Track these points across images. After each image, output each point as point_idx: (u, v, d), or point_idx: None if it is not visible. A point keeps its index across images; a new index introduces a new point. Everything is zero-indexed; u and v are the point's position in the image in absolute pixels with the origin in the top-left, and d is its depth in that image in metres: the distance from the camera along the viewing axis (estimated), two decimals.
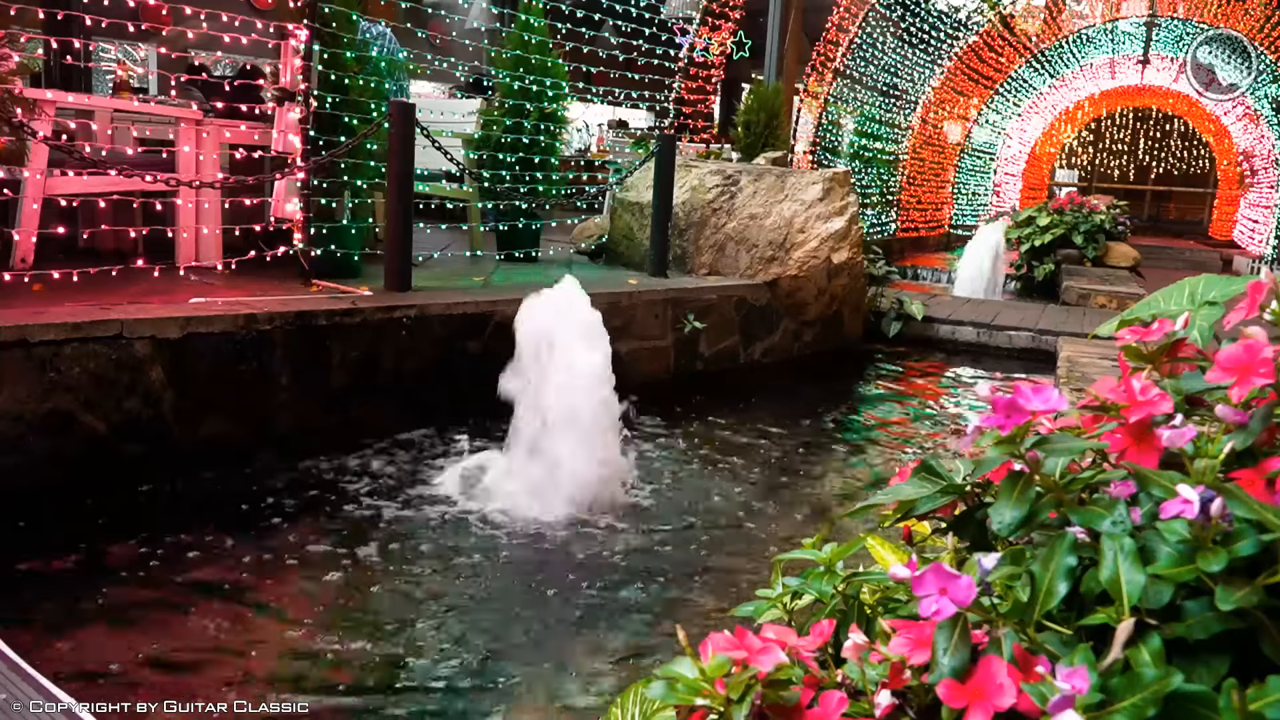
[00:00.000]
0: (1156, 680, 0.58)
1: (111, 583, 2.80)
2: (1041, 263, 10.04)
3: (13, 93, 3.83)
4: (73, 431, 3.32)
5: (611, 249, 6.81)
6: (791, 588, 0.92)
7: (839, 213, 6.39)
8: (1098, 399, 0.79)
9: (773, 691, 0.70)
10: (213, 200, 4.72)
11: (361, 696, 2.35)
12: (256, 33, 4.83)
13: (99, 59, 10.30)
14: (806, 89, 9.82)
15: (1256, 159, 15.76)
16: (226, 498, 3.47)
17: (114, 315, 3.45)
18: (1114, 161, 22.02)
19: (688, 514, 3.70)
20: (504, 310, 4.59)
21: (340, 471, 3.82)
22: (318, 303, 4.10)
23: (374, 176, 4.95)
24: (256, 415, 3.83)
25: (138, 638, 2.53)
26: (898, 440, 5.11)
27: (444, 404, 4.43)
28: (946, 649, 0.64)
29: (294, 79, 4.78)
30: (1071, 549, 0.68)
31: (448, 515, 3.49)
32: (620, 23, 8.01)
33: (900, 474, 0.89)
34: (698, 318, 5.63)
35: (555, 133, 6.26)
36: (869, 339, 7.23)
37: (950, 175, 14.97)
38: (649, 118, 12.73)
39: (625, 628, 2.81)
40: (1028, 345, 7.18)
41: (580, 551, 3.28)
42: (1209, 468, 0.68)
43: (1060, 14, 13.53)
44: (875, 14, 10.36)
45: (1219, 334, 0.97)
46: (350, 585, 2.93)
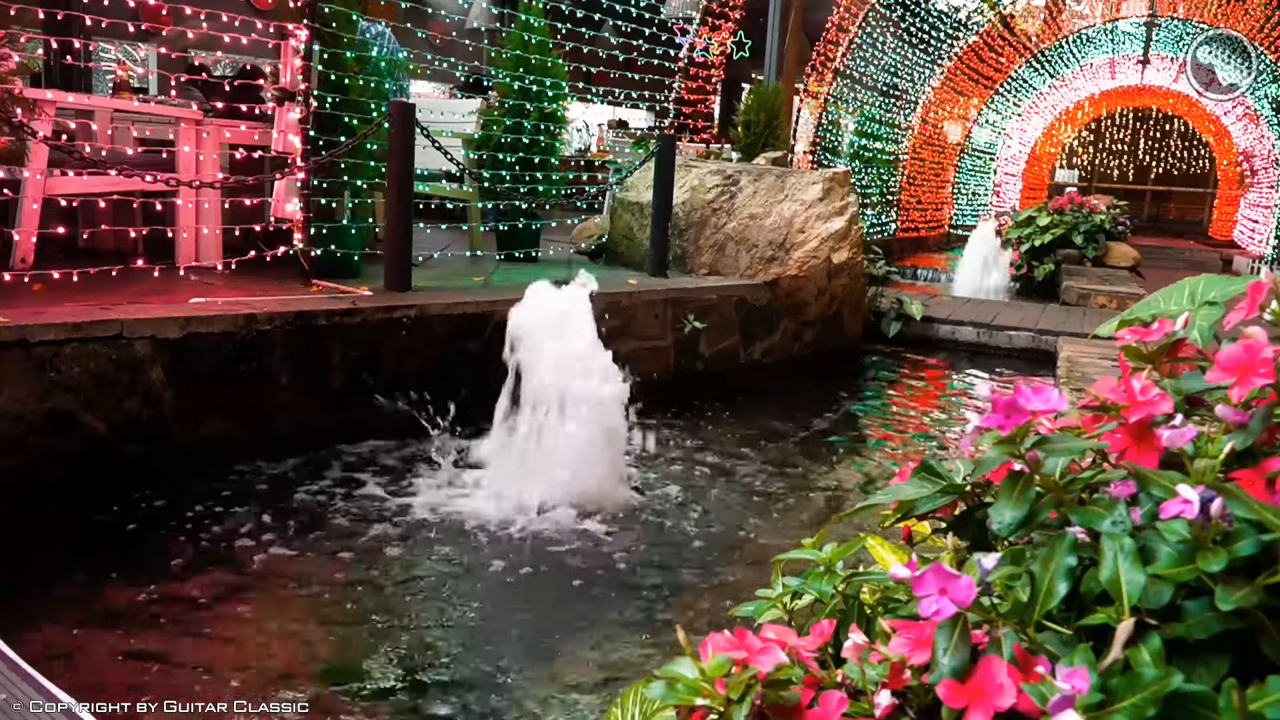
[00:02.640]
0: (1156, 680, 0.58)
1: (112, 582, 2.80)
2: (1041, 263, 10.03)
3: (13, 93, 3.83)
4: (73, 431, 3.31)
5: (611, 249, 6.81)
6: (791, 588, 0.92)
7: (839, 213, 6.39)
8: (1098, 399, 0.79)
9: (773, 691, 0.70)
10: (213, 200, 4.72)
11: (361, 696, 2.35)
12: (256, 33, 4.83)
13: (99, 59, 10.29)
14: (806, 89, 9.82)
15: (1256, 159, 15.76)
16: (226, 497, 3.46)
17: (114, 315, 3.45)
18: (1114, 161, 22.02)
19: (687, 514, 3.70)
20: (504, 310, 4.57)
21: (339, 472, 3.82)
22: (318, 303, 4.10)
23: (374, 176, 4.95)
24: (256, 415, 3.83)
25: (138, 638, 2.53)
26: (898, 440, 5.11)
27: (444, 404, 4.42)
28: (946, 649, 0.64)
29: (294, 79, 4.78)
30: (1071, 549, 0.68)
31: (448, 515, 3.48)
32: (620, 23, 8.01)
33: (900, 474, 0.89)
34: (698, 318, 5.63)
35: (555, 133, 6.26)
36: (869, 339, 7.22)
37: (950, 175, 14.97)
38: (649, 118, 12.73)
39: (624, 628, 2.81)
40: (1028, 345, 7.18)
41: (581, 551, 3.27)
42: (1209, 468, 0.68)
43: (1060, 14, 13.54)
44: (875, 14, 10.36)
45: (1219, 334, 0.97)
46: (350, 585, 2.93)
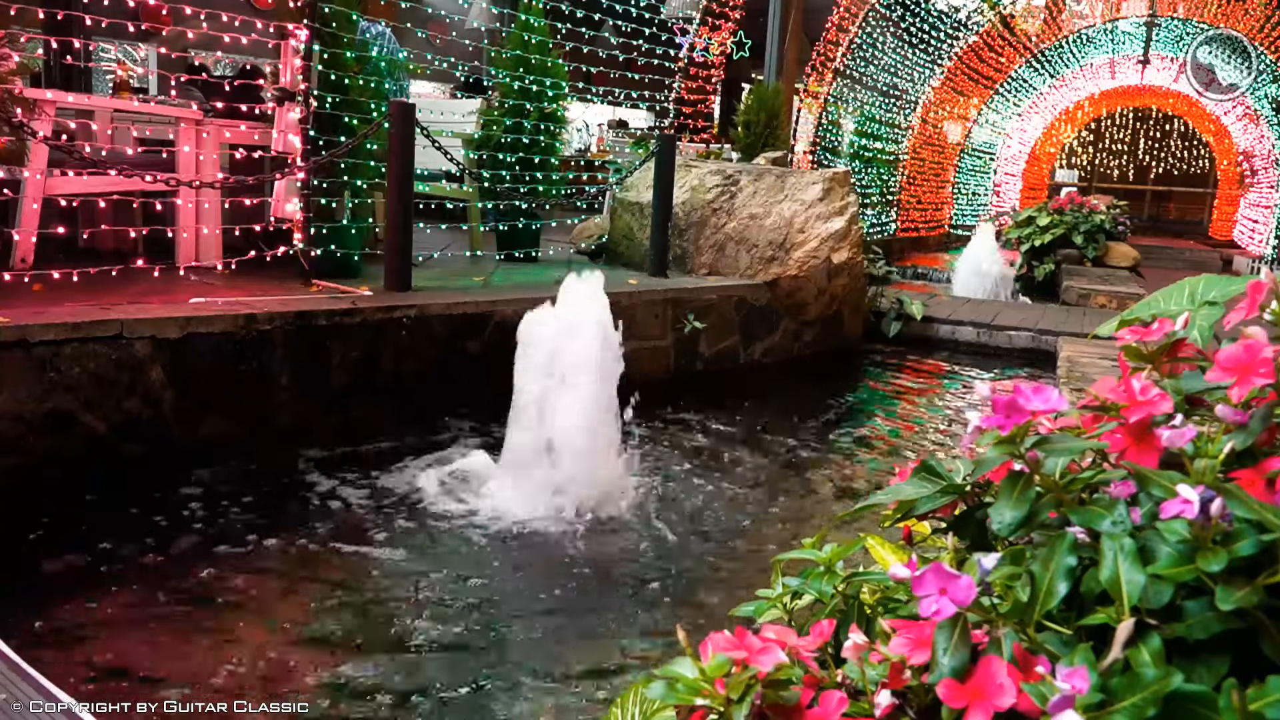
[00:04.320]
0: (1156, 680, 0.58)
1: (112, 582, 2.80)
2: (1041, 263, 10.04)
3: (13, 93, 3.83)
4: (73, 431, 3.31)
5: (611, 249, 6.81)
6: (791, 588, 0.92)
7: (839, 213, 6.39)
8: (1098, 399, 0.79)
9: (773, 691, 0.70)
10: (213, 200, 4.72)
11: (361, 695, 2.35)
12: (256, 33, 4.83)
13: (99, 59, 10.30)
14: (806, 89, 9.82)
15: (1256, 159, 15.77)
16: (226, 497, 3.46)
17: (114, 315, 3.45)
18: (1114, 161, 22.03)
19: (687, 514, 3.70)
20: (504, 310, 4.59)
21: (340, 472, 3.82)
22: (318, 303, 4.10)
23: (374, 176, 4.95)
24: (256, 415, 3.83)
25: (139, 638, 2.53)
26: (898, 440, 5.11)
27: (444, 404, 4.43)
28: (946, 649, 0.64)
29: (294, 79, 4.78)
30: (1071, 549, 0.68)
31: (448, 515, 3.48)
32: (620, 23, 8.01)
33: (900, 474, 0.89)
34: (698, 318, 5.63)
35: (555, 133, 6.26)
36: (869, 339, 7.22)
37: (950, 175, 14.97)
38: (649, 118, 12.73)
39: (624, 626, 2.81)
40: (1028, 345, 7.18)
41: (580, 551, 3.27)
42: (1209, 468, 0.68)
43: (1060, 14, 13.54)
44: (875, 14, 10.36)
45: (1219, 334, 0.97)
46: (349, 585, 2.93)
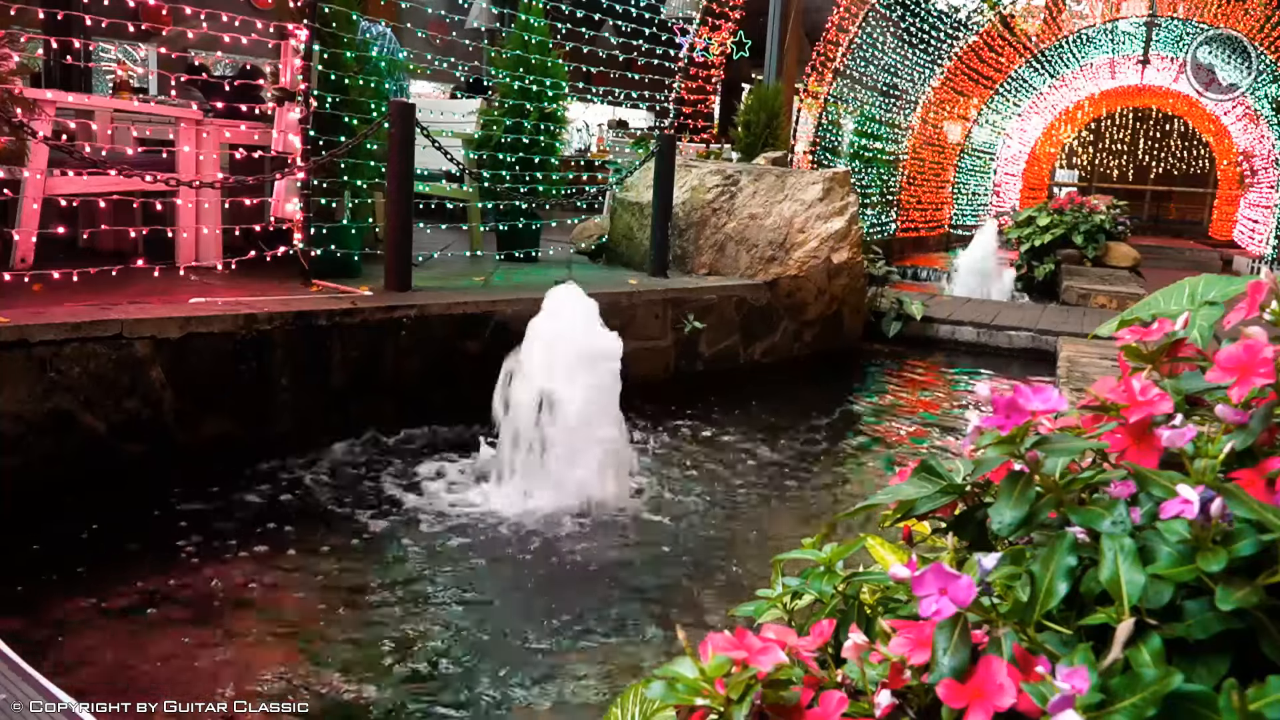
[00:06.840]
0: (1156, 680, 0.58)
1: (111, 582, 2.80)
2: (1041, 263, 10.03)
3: (13, 93, 3.83)
4: (73, 431, 3.31)
5: (611, 249, 6.81)
6: (791, 588, 0.92)
7: (839, 213, 6.39)
8: (1098, 399, 0.79)
9: (773, 691, 0.70)
10: (213, 200, 4.72)
11: (361, 695, 2.35)
12: (256, 33, 4.83)
13: (99, 59, 10.29)
14: (806, 89, 9.82)
15: (1256, 159, 15.77)
16: (226, 496, 3.46)
17: (114, 315, 3.45)
18: (1114, 161, 22.03)
19: (687, 513, 3.70)
20: (504, 310, 4.59)
21: (340, 471, 3.82)
22: (318, 303, 4.10)
23: (374, 176, 4.95)
24: (256, 415, 3.83)
25: (138, 637, 2.53)
26: (898, 440, 5.11)
27: (444, 404, 4.42)
28: (946, 649, 0.64)
29: (294, 79, 4.78)
30: (1071, 549, 0.68)
31: (448, 515, 3.48)
32: (620, 23, 8.00)
33: (900, 474, 0.89)
34: (698, 318, 5.63)
35: (555, 133, 6.26)
36: (869, 339, 7.22)
37: (950, 175, 14.96)
38: (649, 118, 12.72)
39: (625, 625, 2.81)
40: (1028, 345, 7.18)
41: (579, 550, 3.27)
42: (1209, 468, 0.68)
43: (1060, 14, 13.53)
44: (875, 14, 10.35)
45: (1219, 334, 0.97)
46: (349, 585, 2.93)
